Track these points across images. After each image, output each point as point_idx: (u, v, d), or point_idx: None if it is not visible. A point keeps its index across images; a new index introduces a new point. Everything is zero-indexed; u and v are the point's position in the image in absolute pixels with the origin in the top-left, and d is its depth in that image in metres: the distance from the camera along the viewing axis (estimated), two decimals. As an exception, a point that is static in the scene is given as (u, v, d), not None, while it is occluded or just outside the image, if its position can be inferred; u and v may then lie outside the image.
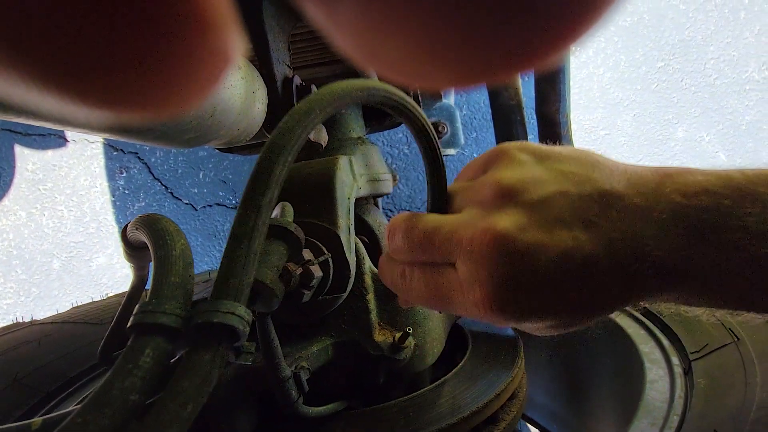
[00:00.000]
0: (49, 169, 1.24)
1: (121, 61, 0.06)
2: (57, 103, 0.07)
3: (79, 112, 0.07)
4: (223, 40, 0.07)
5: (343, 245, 0.40)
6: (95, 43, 0.06)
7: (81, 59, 0.06)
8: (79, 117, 0.08)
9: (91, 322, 0.71)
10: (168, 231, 0.19)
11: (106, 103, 0.07)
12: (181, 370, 0.14)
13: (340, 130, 0.56)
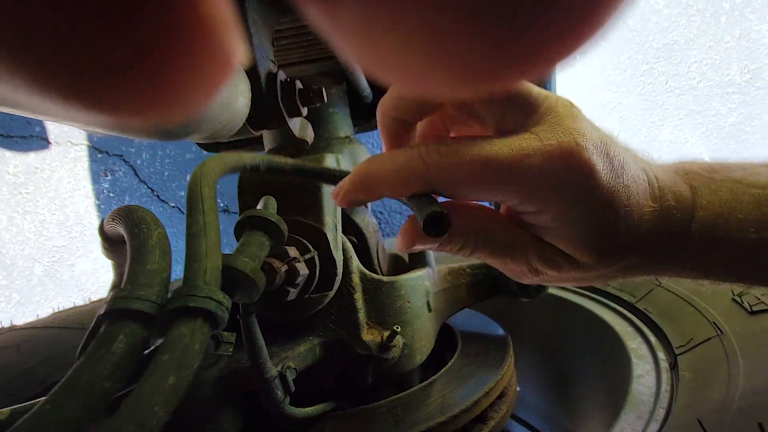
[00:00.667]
0: (31, 172, 1.22)
1: (121, 66, 0.06)
2: (56, 105, 0.07)
3: (79, 116, 0.07)
4: (224, 45, 0.07)
5: (330, 243, 0.40)
6: (95, 47, 0.06)
7: (82, 62, 0.06)
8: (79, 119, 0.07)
9: (72, 327, 0.69)
10: (144, 220, 0.19)
11: (106, 107, 0.07)
12: (160, 347, 0.13)
13: (327, 129, 0.55)
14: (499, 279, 0.54)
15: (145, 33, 0.06)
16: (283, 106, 0.33)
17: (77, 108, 0.07)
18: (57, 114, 0.07)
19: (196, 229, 0.17)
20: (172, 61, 0.07)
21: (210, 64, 0.07)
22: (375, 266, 0.54)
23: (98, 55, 0.06)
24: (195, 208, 0.18)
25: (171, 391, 0.12)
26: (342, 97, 0.56)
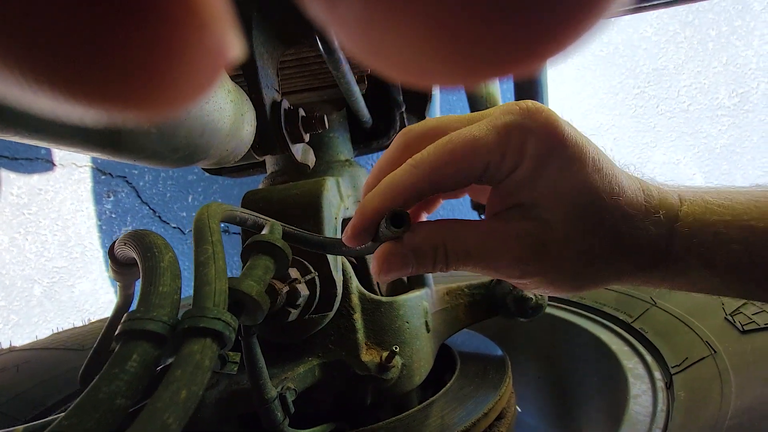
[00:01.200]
0: (35, 194, 1.23)
1: (116, 58, 0.06)
2: (50, 101, 0.07)
3: (72, 112, 0.07)
4: (219, 39, 0.07)
5: (330, 264, 0.41)
6: (91, 39, 0.06)
7: (76, 54, 0.06)
8: (73, 117, 0.08)
9: (71, 348, 0.69)
10: (156, 244, 0.20)
11: (101, 101, 0.07)
12: (173, 364, 0.14)
13: (328, 153, 0.57)
14: (497, 299, 0.54)
15: (140, 23, 0.06)
16: (287, 134, 0.35)
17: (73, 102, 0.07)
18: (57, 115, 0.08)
19: (204, 258, 0.18)
20: (166, 53, 0.07)
21: (204, 58, 0.07)
22: (374, 287, 0.55)
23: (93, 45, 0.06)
24: (204, 240, 0.19)
25: (183, 404, 0.13)
26: (342, 122, 0.58)
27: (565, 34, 0.08)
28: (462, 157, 0.23)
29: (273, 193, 0.44)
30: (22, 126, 0.17)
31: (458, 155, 0.23)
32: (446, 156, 0.23)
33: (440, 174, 0.23)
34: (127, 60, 0.07)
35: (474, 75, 0.08)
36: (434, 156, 0.23)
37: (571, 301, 0.67)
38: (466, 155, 0.23)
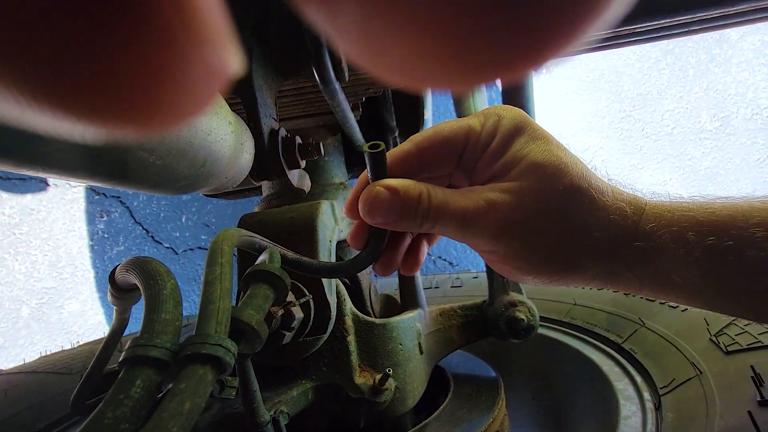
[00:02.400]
0: (27, 213, 1.23)
1: (113, 73, 0.06)
2: (50, 117, 0.07)
3: (74, 129, 0.07)
4: (217, 56, 0.07)
5: (324, 287, 0.41)
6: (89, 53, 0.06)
7: (74, 68, 0.06)
8: (75, 134, 0.07)
9: (59, 372, 0.68)
10: (158, 272, 0.21)
11: (99, 116, 0.07)
12: (177, 381, 0.15)
13: (323, 176, 0.58)
14: (489, 320, 0.55)
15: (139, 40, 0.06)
16: (284, 160, 0.36)
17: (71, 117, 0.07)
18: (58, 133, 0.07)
19: (212, 278, 0.19)
20: (165, 70, 0.07)
21: (203, 75, 0.07)
22: (367, 308, 0.55)
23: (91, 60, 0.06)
24: (214, 261, 0.20)
25: (187, 415, 0.13)
26: (337, 146, 0.60)
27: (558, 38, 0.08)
28: (447, 130, 0.27)
29: (269, 216, 0.45)
30: (36, 160, 0.18)
31: (444, 130, 0.27)
32: (434, 131, 0.28)
33: (428, 143, 0.27)
34: (123, 75, 0.07)
35: (469, 78, 0.09)
36: (425, 133, 0.28)
37: (562, 321, 0.68)
38: (450, 129, 0.27)
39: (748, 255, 0.23)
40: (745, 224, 0.24)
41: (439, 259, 1.35)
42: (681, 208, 0.26)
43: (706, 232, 0.24)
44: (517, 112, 0.27)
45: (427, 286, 0.91)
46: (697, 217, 0.25)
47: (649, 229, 0.25)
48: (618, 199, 0.26)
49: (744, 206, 0.25)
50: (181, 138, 0.23)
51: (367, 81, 0.42)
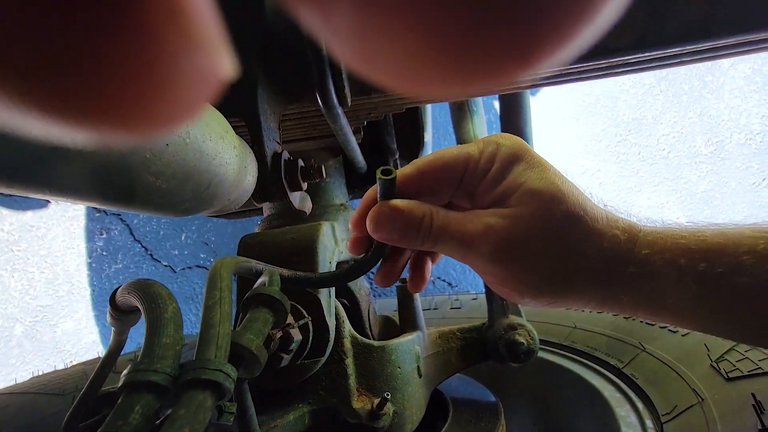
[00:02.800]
0: (26, 230, 1.23)
1: (107, 77, 0.06)
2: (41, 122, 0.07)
3: (65, 135, 0.07)
4: (210, 61, 0.07)
5: (323, 308, 0.41)
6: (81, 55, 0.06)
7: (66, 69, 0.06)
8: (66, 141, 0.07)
9: (52, 393, 0.67)
10: (160, 295, 0.21)
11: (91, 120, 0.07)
12: (176, 407, 0.15)
13: (324, 197, 0.59)
14: (489, 343, 0.54)
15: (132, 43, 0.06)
16: (286, 183, 0.36)
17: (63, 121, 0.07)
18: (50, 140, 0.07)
19: (212, 302, 0.19)
20: (158, 74, 0.07)
21: (196, 79, 0.07)
22: (366, 330, 0.55)
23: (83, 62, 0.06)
24: (214, 286, 0.21)
25: None
26: (339, 168, 0.61)
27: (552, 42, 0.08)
28: (448, 156, 0.29)
29: (269, 237, 0.45)
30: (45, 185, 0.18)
31: (445, 155, 0.29)
32: (435, 156, 0.29)
33: (430, 168, 0.29)
34: (113, 78, 0.06)
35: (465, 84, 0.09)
36: (427, 158, 0.30)
37: (563, 345, 0.67)
38: (450, 155, 0.29)
39: (738, 281, 0.24)
40: (735, 252, 0.25)
41: (438, 280, 1.34)
42: (674, 235, 0.27)
43: (697, 258, 0.25)
44: (516, 140, 0.29)
45: (426, 307, 0.91)
46: (689, 245, 0.26)
47: (643, 256, 0.26)
48: (613, 227, 0.27)
49: (734, 234, 0.25)
50: (187, 162, 0.24)
51: (369, 106, 0.43)
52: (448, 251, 0.29)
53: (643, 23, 0.38)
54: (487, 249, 0.27)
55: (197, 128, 0.24)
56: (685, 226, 0.27)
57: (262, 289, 0.24)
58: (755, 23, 0.37)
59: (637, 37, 0.37)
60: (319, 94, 0.37)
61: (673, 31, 0.37)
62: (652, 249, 0.26)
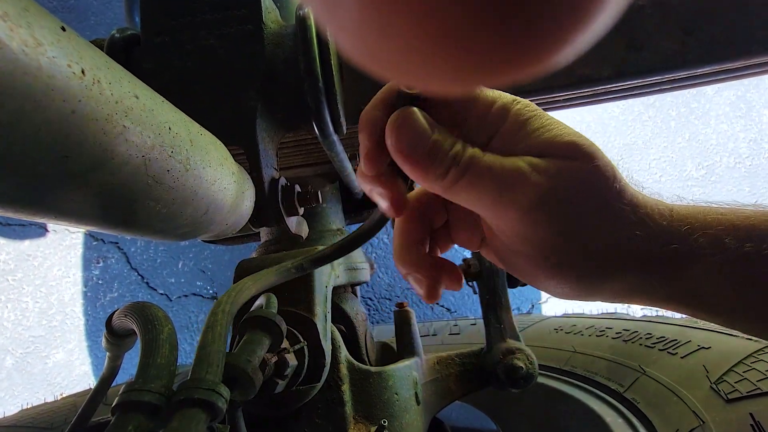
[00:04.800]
0: (23, 259, 1.22)
1: None
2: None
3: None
4: None
5: (319, 333, 0.41)
6: None
7: None
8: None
9: (40, 427, 0.65)
10: (157, 317, 0.21)
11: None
12: (169, 426, 0.15)
13: (321, 223, 0.60)
14: (488, 368, 0.54)
15: None
16: (283, 208, 0.37)
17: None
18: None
19: (209, 325, 0.20)
20: None
21: None
22: (363, 356, 0.55)
23: None
24: (215, 311, 0.21)
25: None
26: (335, 194, 0.62)
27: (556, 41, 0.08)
28: None
29: (266, 262, 0.46)
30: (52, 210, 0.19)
31: None
32: None
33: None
34: None
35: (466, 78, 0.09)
36: None
37: (562, 369, 0.66)
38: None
39: None
40: None
41: (437, 306, 1.33)
42: (713, 211, 0.23)
43: (743, 237, 0.21)
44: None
45: (425, 333, 0.90)
46: (733, 222, 0.22)
47: (684, 231, 0.22)
48: (644, 196, 0.23)
49: None
50: (187, 187, 0.25)
51: (364, 133, 0.45)
52: (475, 194, 0.22)
53: (623, 54, 0.40)
54: (526, 198, 0.21)
55: (197, 155, 0.25)
56: (719, 204, 0.23)
57: (259, 311, 0.25)
58: (728, 54, 0.40)
59: (617, 67, 0.39)
60: (316, 123, 0.38)
61: (651, 61, 0.39)
62: (693, 225, 0.22)
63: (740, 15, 0.40)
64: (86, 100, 0.17)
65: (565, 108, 0.46)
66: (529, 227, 0.22)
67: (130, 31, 0.39)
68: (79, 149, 0.17)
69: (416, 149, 0.22)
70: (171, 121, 0.23)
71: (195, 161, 0.25)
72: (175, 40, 0.37)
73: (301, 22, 0.38)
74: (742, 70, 0.43)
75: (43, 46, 0.15)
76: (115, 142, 0.19)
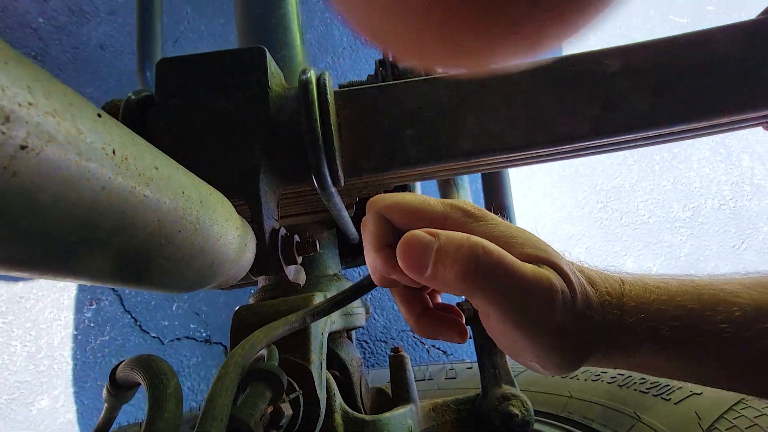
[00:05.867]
0: (14, 302, 1.21)
1: None
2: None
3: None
4: None
5: (315, 381, 0.42)
6: None
7: None
8: None
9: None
10: (163, 371, 0.22)
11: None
12: None
13: (318, 268, 0.61)
14: (484, 415, 0.54)
15: None
16: (282, 258, 0.39)
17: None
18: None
19: (218, 377, 0.21)
20: None
21: None
22: (358, 403, 0.54)
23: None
24: (229, 362, 0.22)
25: None
26: (332, 239, 0.64)
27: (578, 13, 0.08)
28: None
29: (263, 309, 0.47)
30: (70, 272, 0.21)
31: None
32: None
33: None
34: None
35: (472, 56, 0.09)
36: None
37: (559, 416, 0.66)
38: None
39: (717, 350, 0.25)
40: (713, 320, 0.25)
41: (433, 348, 1.32)
42: (657, 299, 0.26)
43: (678, 327, 0.25)
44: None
45: (420, 377, 0.89)
46: (670, 312, 0.26)
47: (631, 324, 0.26)
48: (600, 292, 0.27)
49: (711, 300, 0.26)
50: (195, 245, 0.27)
51: (360, 185, 0.47)
52: (493, 300, 0.24)
53: (599, 114, 0.43)
54: (548, 307, 0.25)
55: (206, 214, 0.27)
56: (664, 283, 0.27)
57: (262, 364, 0.26)
58: (695, 115, 0.43)
59: (594, 126, 0.43)
60: (315, 178, 0.40)
61: (625, 120, 0.43)
62: (637, 315, 0.26)
63: (705, 79, 0.44)
64: (115, 176, 0.19)
65: (549, 161, 0.49)
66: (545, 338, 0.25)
67: (144, 93, 0.42)
68: (104, 218, 0.19)
69: (427, 259, 0.25)
70: (185, 186, 0.25)
71: (204, 220, 0.27)
72: (186, 101, 0.41)
73: (304, 86, 0.41)
74: (710, 128, 0.47)
75: (84, 134, 0.17)
76: (136, 209, 0.21)
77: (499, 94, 0.44)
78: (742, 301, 0.25)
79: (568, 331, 0.25)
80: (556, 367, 0.27)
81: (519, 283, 0.24)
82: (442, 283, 0.25)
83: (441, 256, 0.25)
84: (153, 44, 0.83)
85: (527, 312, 0.24)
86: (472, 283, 0.24)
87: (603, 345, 0.26)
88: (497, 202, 0.71)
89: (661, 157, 1.53)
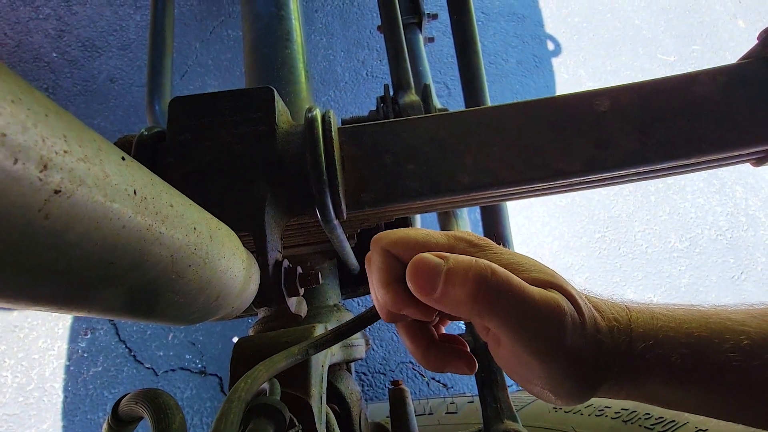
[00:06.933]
0: (8, 331, 1.19)
1: None
2: None
3: None
4: None
5: (315, 416, 0.41)
6: None
7: None
8: None
9: None
10: (169, 406, 0.23)
11: None
12: None
13: (318, 299, 0.62)
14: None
15: None
16: (285, 289, 0.40)
17: None
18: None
19: (222, 413, 0.21)
20: None
21: None
22: (357, 439, 0.53)
23: None
24: (232, 397, 0.22)
25: None
26: (333, 270, 0.64)
27: None
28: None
29: (264, 340, 0.47)
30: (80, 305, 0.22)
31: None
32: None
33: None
34: None
35: None
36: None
37: (563, 453, 0.64)
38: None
39: (725, 379, 0.25)
40: (721, 348, 0.26)
41: (433, 381, 1.29)
42: (659, 317, 0.27)
43: (687, 354, 0.25)
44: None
45: (420, 412, 0.87)
46: (678, 339, 0.26)
47: (640, 351, 0.26)
48: (608, 318, 0.27)
49: (718, 327, 0.26)
50: (203, 279, 0.27)
51: (362, 217, 0.49)
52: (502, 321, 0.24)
53: (591, 151, 0.45)
54: (555, 328, 0.25)
55: (215, 249, 0.28)
56: (670, 311, 0.28)
57: (264, 399, 0.26)
58: (682, 153, 0.45)
59: (586, 163, 0.44)
60: (319, 210, 0.42)
61: (615, 158, 0.45)
62: (646, 342, 0.26)
63: (691, 119, 0.46)
64: (134, 216, 0.20)
65: (544, 195, 0.51)
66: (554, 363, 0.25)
67: (156, 129, 0.44)
68: (122, 255, 0.20)
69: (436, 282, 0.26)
70: (196, 222, 0.26)
71: (212, 255, 0.28)
72: (196, 137, 0.42)
73: (310, 124, 0.43)
74: (698, 165, 0.49)
75: (109, 176, 0.18)
76: (151, 245, 0.22)
77: (496, 131, 0.46)
78: (750, 329, 0.26)
79: (581, 354, 0.25)
80: (568, 395, 0.26)
81: (528, 304, 0.24)
82: (452, 302, 0.25)
83: (451, 277, 0.25)
84: (162, 78, 0.86)
85: (538, 334, 0.24)
86: (483, 302, 0.24)
87: (614, 372, 0.26)
88: (496, 232, 0.72)
89: (656, 188, 1.56)
